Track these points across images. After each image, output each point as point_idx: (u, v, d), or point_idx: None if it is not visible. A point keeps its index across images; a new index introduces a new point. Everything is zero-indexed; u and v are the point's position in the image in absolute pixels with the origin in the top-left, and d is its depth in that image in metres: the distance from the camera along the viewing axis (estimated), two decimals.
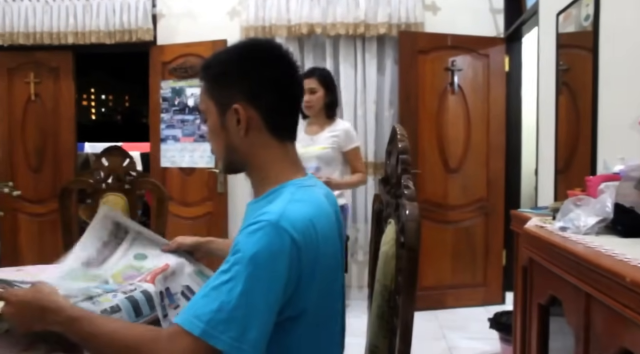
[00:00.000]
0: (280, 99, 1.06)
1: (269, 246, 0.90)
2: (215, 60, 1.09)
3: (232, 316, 0.87)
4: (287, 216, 0.93)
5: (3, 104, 4.34)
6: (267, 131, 1.06)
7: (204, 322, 0.87)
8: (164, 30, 4.18)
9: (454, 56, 3.85)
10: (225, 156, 1.10)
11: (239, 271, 0.89)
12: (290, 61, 1.08)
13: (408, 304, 0.98)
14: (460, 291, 3.91)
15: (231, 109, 1.03)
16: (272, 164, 1.08)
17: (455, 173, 3.91)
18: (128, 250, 1.44)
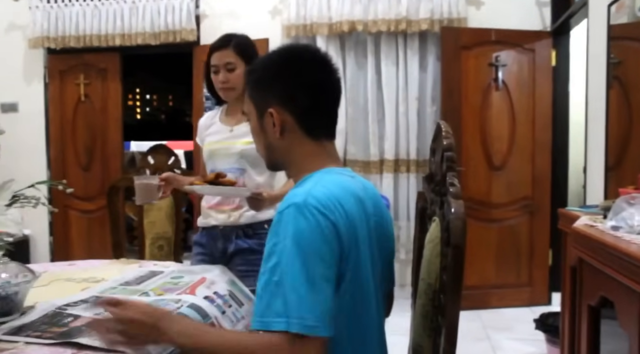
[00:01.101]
0: (315, 101, 1.11)
1: (299, 225, 0.94)
2: (257, 65, 1.17)
3: (291, 300, 0.90)
4: (313, 195, 0.97)
5: (56, 105, 4.52)
6: (301, 131, 1.11)
7: (279, 317, 0.90)
8: (207, 30, 4.25)
9: (498, 51, 3.77)
10: (266, 155, 1.17)
11: (281, 259, 0.93)
12: (328, 63, 1.13)
13: (454, 303, 0.97)
14: (505, 291, 3.84)
15: (267, 112, 1.10)
16: (307, 160, 1.12)
17: (499, 171, 3.83)
18: (166, 276, 1.52)
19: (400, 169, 3.95)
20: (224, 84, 1.99)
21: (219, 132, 2.08)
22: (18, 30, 4.49)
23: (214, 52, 1.98)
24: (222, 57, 1.97)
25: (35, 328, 1.09)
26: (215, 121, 2.12)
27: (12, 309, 1.20)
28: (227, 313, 1.25)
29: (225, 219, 1.97)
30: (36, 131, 4.52)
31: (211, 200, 2.00)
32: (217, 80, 1.98)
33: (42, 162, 4.53)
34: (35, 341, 1.01)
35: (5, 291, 1.18)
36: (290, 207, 0.96)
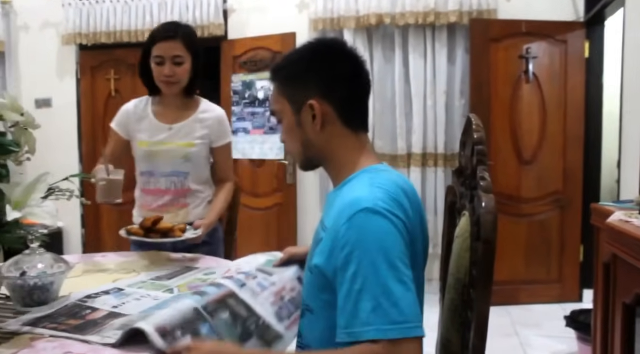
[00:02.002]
0: (352, 92, 1.11)
1: (379, 228, 0.93)
2: (286, 61, 1.15)
3: (383, 305, 0.88)
4: (378, 197, 0.95)
5: (87, 100, 4.61)
6: (341, 123, 1.09)
7: (369, 325, 0.88)
8: (235, 24, 4.27)
9: (528, 43, 3.69)
10: (303, 152, 1.14)
11: (359, 267, 0.91)
12: (357, 56, 1.12)
13: (483, 298, 0.96)
14: (534, 286, 3.78)
15: (306, 105, 1.08)
16: (348, 153, 1.11)
17: (529, 164, 3.76)
18: (200, 272, 1.54)
19: (427, 163, 3.92)
20: (170, 78, 1.86)
21: (156, 130, 1.92)
22: (52, 27, 4.60)
23: (159, 42, 1.84)
24: (169, 48, 1.83)
25: (54, 319, 1.11)
26: (147, 115, 1.95)
27: (48, 299, 1.23)
28: (249, 285, 1.24)
29: (171, 218, 1.90)
30: (68, 126, 4.63)
31: (153, 202, 1.94)
32: (160, 72, 1.85)
33: (75, 156, 4.63)
34: (49, 333, 1.03)
35: (41, 281, 1.21)
36: (361, 211, 0.94)
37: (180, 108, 1.96)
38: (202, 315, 1.06)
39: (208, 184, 2.03)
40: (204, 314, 1.06)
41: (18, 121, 1.08)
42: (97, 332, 1.03)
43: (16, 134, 1.09)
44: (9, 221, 0.97)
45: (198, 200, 1.97)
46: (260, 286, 1.27)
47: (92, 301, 1.23)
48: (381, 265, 0.90)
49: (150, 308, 1.18)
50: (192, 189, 1.95)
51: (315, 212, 4.18)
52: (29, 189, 1.03)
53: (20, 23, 4.64)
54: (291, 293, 1.31)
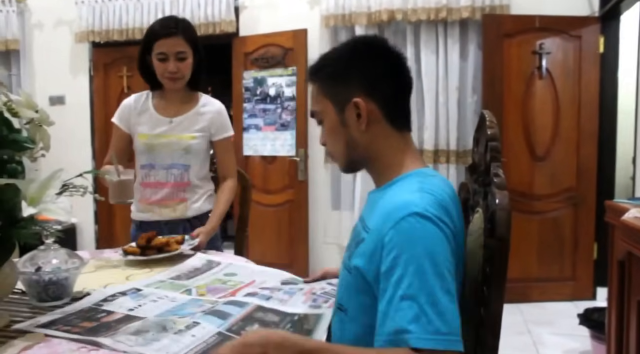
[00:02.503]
0: (395, 89, 1.08)
1: (429, 234, 0.90)
2: (326, 60, 1.11)
3: (434, 314, 0.86)
4: (428, 203, 0.93)
5: (100, 97, 4.64)
6: (386, 122, 1.07)
7: (412, 333, 0.85)
8: (246, 21, 4.28)
9: (542, 39, 3.65)
10: (347, 153, 1.10)
11: (406, 272, 0.88)
12: (398, 53, 1.09)
13: (497, 296, 0.95)
14: (547, 284, 3.75)
15: (350, 104, 1.04)
16: (393, 153, 1.08)
17: (542, 161, 3.73)
18: (220, 271, 1.52)
19: (439, 160, 3.90)
20: (174, 74, 1.87)
21: (156, 123, 1.94)
22: (65, 25, 4.63)
23: (162, 39, 1.84)
24: (172, 45, 1.85)
25: (68, 322, 1.11)
26: (147, 108, 1.97)
27: (63, 294, 1.24)
28: (275, 297, 1.23)
29: (170, 213, 1.92)
30: (82, 123, 4.67)
31: (152, 196, 1.94)
32: (164, 68, 1.86)
33: (88, 153, 4.67)
34: (61, 335, 1.03)
35: (56, 276, 1.22)
36: (410, 216, 0.91)
37: (181, 102, 1.98)
38: (227, 336, 1.03)
39: (207, 179, 2.04)
40: (228, 335, 1.04)
41: (33, 118, 1.09)
42: (110, 335, 1.02)
43: (31, 130, 1.10)
44: (24, 216, 0.98)
45: (197, 195, 1.97)
46: (289, 294, 1.25)
47: (109, 304, 1.22)
48: (428, 272, 0.87)
49: (167, 311, 1.16)
50: (192, 183, 1.96)
51: (327, 208, 4.18)
52: (44, 185, 1.04)
53: (35, 21, 4.69)
54: (322, 290, 1.29)
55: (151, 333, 1.03)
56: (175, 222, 1.94)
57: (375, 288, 0.95)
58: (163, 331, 1.04)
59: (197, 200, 1.97)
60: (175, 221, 1.94)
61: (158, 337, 1.01)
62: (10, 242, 1.04)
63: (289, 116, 4.07)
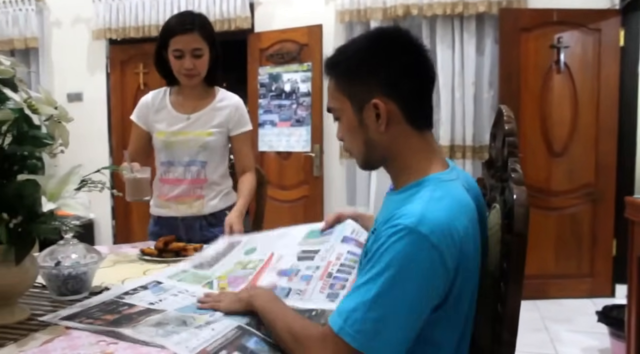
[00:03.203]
0: (417, 86, 1.02)
1: (407, 252, 0.88)
2: (343, 54, 1.05)
3: (366, 317, 0.88)
4: (426, 220, 0.89)
5: (117, 94, 4.69)
6: (406, 122, 1.01)
7: (343, 320, 0.90)
8: (261, 17, 4.28)
9: (560, 32, 3.61)
10: (365, 152, 1.06)
11: (377, 273, 0.89)
12: (420, 45, 1.03)
13: (515, 292, 0.94)
14: (564, 281, 3.71)
15: (369, 104, 1.00)
16: (412, 155, 1.03)
17: (559, 157, 3.69)
18: (241, 249, 1.50)
19: (455, 155, 3.87)
20: (190, 71, 1.86)
21: (173, 120, 1.93)
22: (83, 23, 4.68)
23: (178, 35, 1.82)
24: (188, 42, 1.82)
25: (90, 314, 1.12)
26: (164, 105, 1.96)
27: (82, 288, 1.26)
28: (294, 288, 1.22)
29: (186, 210, 1.93)
30: (99, 119, 4.72)
31: (170, 192, 1.95)
32: (180, 65, 1.85)
33: (105, 149, 4.72)
34: (83, 328, 1.05)
35: (75, 271, 1.24)
36: (401, 230, 0.89)
37: (198, 98, 1.96)
38: (247, 330, 1.04)
39: (226, 177, 2.03)
40: (249, 329, 1.04)
41: (52, 115, 1.10)
42: (132, 327, 1.04)
43: (50, 127, 1.11)
44: (44, 212, 0.99)
45: (214, 192, 1.97)
46: (306, 279, 1.24)
47: (130, 297, 1.23)
48: (396, 288, 0.88)
49: (186, 307, 1.17)
50: (209, 180, 1.95)
51: (342, 204, 4.18)
52: (63, 181, 1.05)
53: (53, 19, 4.74)
54: (338, 263, 1.25)
55: (171, 325, 1.05)
56: (191, 219, 1.95)
57: None
58: (183, 324, 1.06)
59: (214, 197, 1.97)
60: (191, 217, 1.94)
61: (178, 330, 1.02)
62: (30, 237, 1.06)
63: (304, 111, 4.07)
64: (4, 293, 1.08)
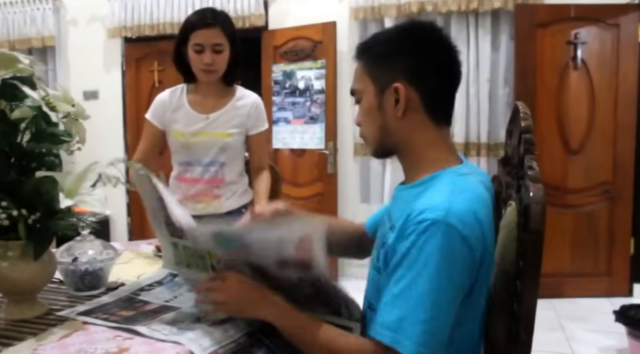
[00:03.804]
0: (442, 81, 1.03)
1: (443, 246, 0.88)
2: (376, 40, 1.07)
3: (416, 321, 0.87)
4: (454, 212, 0.89)
5: (132, 92, 4.73)
6: (424, 113, 1.02)
7: (392, 331, 0.88)
8: (275, 14, 4.28)
9: (577, 28, 3.56)
10: (378, 138, 1.06)
11: (416, 274, 0.88)
12: (452, 44, 1.04)
13: (531, 290, 0.94)
14: (581, 279, 3.67)
15: (391, 88, 1.01)
16: (427, 148, 1.04)
17: (576, 155, 3.65)
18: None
19: (470, 153, 3.84)
20: (210, 66, 1.82)
21: (191, 120, 1.89)
22: (98, 21, 4.72)
23: (199, 30, 1.79)
24: (209, 36, 1.79)
25: (106, 310, 1.14)
26: (182, 104, 1.92)
27: (98, 284, 1.28)
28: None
29: (203, 209, 1.92)
30: (114, 117, 4.76)
31: (186, 191, 1.94)
32: (199, 60, 1.81)
33: (120, 146, 4.76)
34: (100, 323, 1.06)
35: (92, 267, 1.25)
36: (431, 225, 0.88)
37: (216, 97, 1.93)
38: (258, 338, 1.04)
39: (242, 176, 2.02)
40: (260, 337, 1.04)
41: (70, 112, 1.12)
42: (147, 324, 1.05)
43: (68, 124, 1.12)
44: (62, 208, 1.00)
45: (230, 192, 1.97)
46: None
47: (146, 294, 1.24)
48: (427, 283, 0.87)
49: None
50: (227, 180, 1.95)
51: (356, 201, 4.17)
52: (80, 178, 1.06)
53: (69, 18, 4.79)
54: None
55: (185, 322, 1.06)
56: (208, 218, 1.94)
57: None
58: (197, 321, 1.06)
59: (230, 196, 1.97)
60: (208, 216, 1.94)
61: (192, 327, 1.03)
62: (48, 233, 1.07)
63: (318, 109, 4.06)
64: (23, 288, 1.10)
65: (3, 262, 1.05)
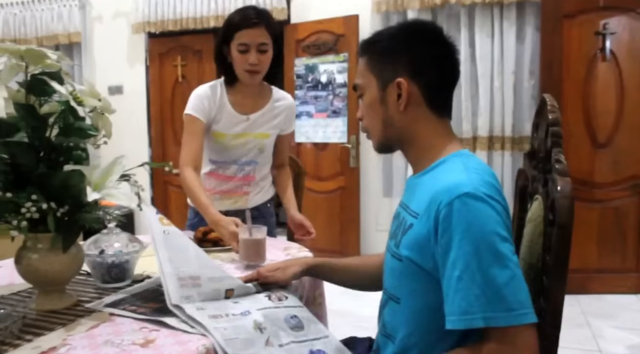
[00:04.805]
0: (442, 76, 1.07)
1: (483, 214, 0.89)
2: (380, 36, 1.11)
3: (492, 292, 0.86)
4: (476, 184, 0.92)
5: (156, 86, 4.78)
6: (426, 106, 1.06)
7: (481, 311, 0.87)
8: (297, 8, 4.28)
9: (606, 18, 3.47)
10: (382, 131, 1.10)
11: (468, 253, 0.88)
12: (451, 42, 1.08)
13: (558, 286, 0.92)
14: (608, 276, 3.60)
15: (393, 83, 1.05)
16: (431, 137, 1.07)
17: (604, 148, 3.57)
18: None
19: (494, 147, 3.80)
20: (255, 66, 1.78)
21: (233, 120, 1.86)
22: (123, 17, 4.78)
23: (244, 29, 1.75)
24: (255, 36, 1.76)
25: (133, 302, 1.15)
26: (224, 103, 1.87)
27: (124, 276, 1.30)
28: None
29: (231, 204, 1.93)
30: (139, 111, 4.82)
31: (217, 187, 1.94)
32: (244, 60, 1.78)
33: (144, 140, 4.82)
34: (127, 315, 1.08)
35: (118, 259, 1.27)
36: (462, 197, 0.90)
37: (257, 97, 1.91)
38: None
39: (268, 172, 2.05)
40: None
41: (96, 106, 1.13)
42: (174, 315, 1.06)
43: (94, 118, 1.14)
44: (89, 201, 1.02)
45: (257, 188, 1.99)
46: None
47: None
48: (484, 252, 0.87)
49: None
50: (257, 178, 1.97)
51: (378, 195, 4.16)
52: (107, 171, 1.08)
53: (95, 14, 4.86)
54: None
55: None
56: (233, 213, 1.93)
57: (433, 271, 0.95)
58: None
59: (258, 193, 1.99)
60: (233, 211, 1.94)
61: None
62: (76, 225, 1.09)
63: (340, 102, 4.06)
64: (52, 279, 1.12)
65: (33, 255, 1.08)
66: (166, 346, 0.93)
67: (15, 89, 1.07)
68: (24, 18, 4.93)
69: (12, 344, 0.94)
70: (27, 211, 0.99)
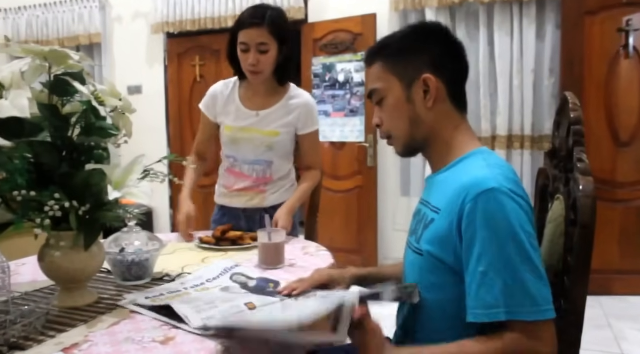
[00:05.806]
0: (459, 69, 1.10)
1: (508, 209, 0.90)
2: (390, 39, 1.13)
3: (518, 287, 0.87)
4: (499, 179, 0.92)
5: (174, 86, 4.82)
6: (450, 101, 1.08)
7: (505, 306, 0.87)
8: (315, 7, 4.28)
9: (630, 15, 3.41)
10: (410, 131, 1.09)
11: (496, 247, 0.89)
12: (459, 40, 1.12)
13: (580, 286, 0.91)
14: (630, 277, 3.54)
15: (419, 80, 1.06)
16: (454, 134, 1.08)
17: (626, 147, 3.50)
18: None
19: (513, 146, 3.76)
20: (254, 67, 1.79)
21: (241, 115, 1.90)
22: (142, 17, 4.83)
23: (245, 29, 1.77)
24: (254, 36, 1.76)
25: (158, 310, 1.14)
26: (234, 99, 1.93)
27: (144, 274, 1.31)
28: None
29: (247, 202, 1.96)
30: (157, 111, 4.86)
31: (234, 184, 1.97)
32: (245, 60, 1.80)
33: (163, 139, 4.87)
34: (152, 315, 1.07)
35: (138, 257, 1.29)
36: (486, 192, 0.90)
37: (268, 94, 1.91)
38: None
39: (290, 173, 2.03)
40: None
41: (117, 106, 1.14)
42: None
43: (115, 118, 1.15)
44: (110, 200, 1.03)
45: (276, 187, 1.99)
46: None
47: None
48: (510, 247, 0.88)
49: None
50: (274, 178, 1.96)
51: (396, 195, 4.14)
52: (127, 170, 1.09)
53: (115, 15, 4.92)
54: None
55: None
56: (252, 211, 1.98)
57: (455, 267, 0.96)
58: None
59: (275, 192, 1.98)
60: (252, 209, 1.97)
61: None
62: (98, 224, 1.10)
63: (358, 101, 4.05)
64: (74, 277, 1.14)
65: (56, 252, 1.09)
66: (185, 343, 0.94)
67: (39, 89, 1.08)
68: (47, 20, 5.01)
69: (36, 340, 0.96)
70: (50, 210, 1.00)
